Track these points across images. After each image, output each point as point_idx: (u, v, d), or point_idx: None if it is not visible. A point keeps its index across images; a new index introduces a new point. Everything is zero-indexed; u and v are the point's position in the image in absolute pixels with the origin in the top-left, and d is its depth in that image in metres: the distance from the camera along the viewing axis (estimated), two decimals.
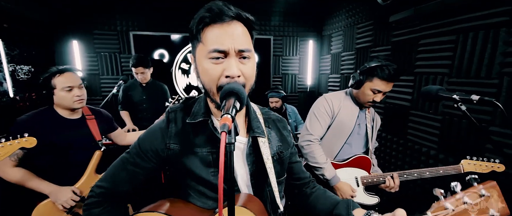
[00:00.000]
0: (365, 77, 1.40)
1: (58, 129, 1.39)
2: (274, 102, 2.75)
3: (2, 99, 2.20)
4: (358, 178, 1.53)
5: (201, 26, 0.62)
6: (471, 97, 0.94)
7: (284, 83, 3.89)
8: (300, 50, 3.83)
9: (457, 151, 1.68)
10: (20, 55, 2.45)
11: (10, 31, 2.32)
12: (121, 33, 3.22)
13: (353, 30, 2.90)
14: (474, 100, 0.94)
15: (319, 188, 0.92)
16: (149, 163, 0.75)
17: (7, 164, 1.30)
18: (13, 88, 2.33)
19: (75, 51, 3.10)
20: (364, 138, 1.58)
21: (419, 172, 1.43)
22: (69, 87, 1.39)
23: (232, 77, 0.62)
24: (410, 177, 1.45)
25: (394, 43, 2.22)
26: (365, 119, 1.57)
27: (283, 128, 0.87)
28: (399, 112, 2.19)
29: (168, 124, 0.75)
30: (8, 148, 1.10)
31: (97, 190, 0.75)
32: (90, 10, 3.08)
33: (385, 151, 2.38)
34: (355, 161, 1.54)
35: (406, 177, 1.45)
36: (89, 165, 1.48)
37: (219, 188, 0.43)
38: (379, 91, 1.38)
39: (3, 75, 2.24)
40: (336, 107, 1.51)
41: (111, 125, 1.69)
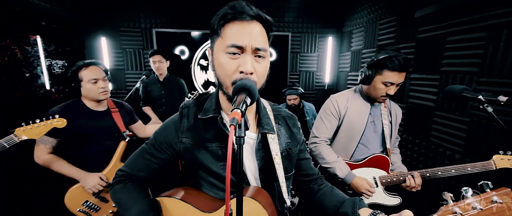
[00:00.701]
0: (375, 71, 1.35)
1: (86, 120, 1.50)
2: (292, 100, 2.73)
3: (39, 91, 2.41)
4: (376, 178, 1.49)
5: (222, 22, 0.66)
6: (498, 99, 0.88)
7: (301, 81, 3.85)
8: (318, 47, 3.76)
9: (485, 155, 1.57)
10: (56, 50, 2.67)
11: (47, 28, 2.53)
12: (145, 30, 3.37)
13: (375, 26, 2.78)
14: (501, 102, 0.87)
15: (326, 185, 0.92)
16: (163, 154, 0.80)
17: (43, 151, 1.43)
18: (49, 81, 2.54)
19: (103, 47, 3.30)
20: (381, 135, 1.52)
21: (444, 170, 1.35)
22: (95, 79, 1.49)
23: (246, 74, 0.64)
24: (433, 175, 1.38)
25: (420, 40, 2.11)
26: (381, 115, 1.51)
27: (293, 124, 0.88)
28: (422, 112, 2.09)
29: (181, 118, 0.80)
30: (42, 127, 1.24)
31: (120, 173, 0.83)
32: (118, 9, 3.26)
33: (406, 153, 2.28)
34: (372, 161, 1.49)
35: (429, 176, 1.39)
36: (115, 154, 1.59)
37: (227, 179, 0.45)
38: (392, 84, 1.32)
39: (41, 69, 2.45)
40: (342, 107, 1.48)
41: (132, 117, 1.79)
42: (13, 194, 1.92)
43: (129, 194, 0.78)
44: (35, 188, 2.06)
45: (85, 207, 1.48)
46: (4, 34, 2.01)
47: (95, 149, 1.53)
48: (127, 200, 0.77)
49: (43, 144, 1.43)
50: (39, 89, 2.41)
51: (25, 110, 2.16)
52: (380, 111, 1.51)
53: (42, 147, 1.43)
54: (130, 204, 0.76)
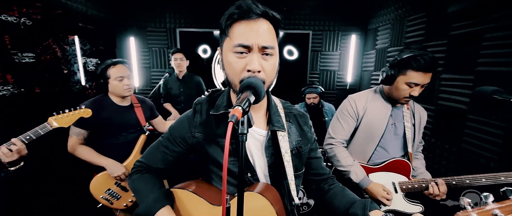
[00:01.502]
0: (397, 71, 1.27)
1: (111, 114, 1.62)
2: (311, 99, 2.68)
3: (76, 86, 2.64)
4: (395, 183, 1.41)
5: (229, 21, 0.67)
6: None
7: (322, 80, 3.75)
8: (341, 45, 3.63)
9: None
10: (90, 49, 2.90)
11: (83, 29, 2.75)
12: (169, 30, 3.52)
13: (403, 23, 2.62)
14: None
15: (337, 185, 0.90)
16: (177, 148, 0.84)
17: (76, 141, 1.58)
18: (84, 78, 2.77)
19: (131, 47, 3.52)
20: (402, 138, 1.43)
21: (473, 178, 1.24)
22: (121, 77, 1.60)
23: (253, 72, 0.65)
24: (460, 183, 1.27)
25: (452, 37, 1.95)
26: (403, 118, 1.42)
27: (304, 123, 0.88)
28: (453, 115, 1.93)
29: (194, 114, 0.83)
30: (71, 116, 1.38)
31: (138, 163, 0.89)
32: (145, 10, 3.45)
33: (434, 159, 2.12)
34: (391, 165, 1.41)
35: (455, 184, 1.28)
36: (135, 147, 1.70)
37: (223, 174, 0.46)
38: (416, 85, 1.24)
39: (77, 66, 2.68)
40: (360, 108, 1.41)
41: (153, 112, 1.90)
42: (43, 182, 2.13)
43: (146, 183, 0.83)
44: (62, 177, 2.26)
45: (108, 195, 1.60)
46: (47, 34, 2.23)
47: (118, 141, 1.65)
48: (144, 189, 0.81)
49: (76, 136, 1.57)
50: (75, 85, 2.64)
51: (63, 104, 2.38)
52: (402, 112, 1.43)
53: (75, 138, 1.57)
54: (147, 193, 0.80)
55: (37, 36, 2.12)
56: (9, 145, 1.11)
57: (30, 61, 2.05)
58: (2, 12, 1.82)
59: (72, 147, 1.58)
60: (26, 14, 2.01)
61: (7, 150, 1.10)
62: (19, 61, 1.96)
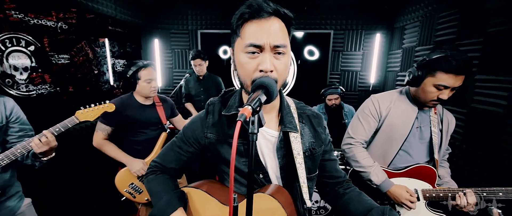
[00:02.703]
0: (426, 72, 1.18)
1: (135, 112, 1.71)
2: (333, 100, 2.60)
3: (105, 86, 2.83)
4: (418, 190, 1.32)
5: (240, 21, 0.67)
6: None
7: (343, 81, 3.63)
8: (364, 44, 3.49)
9: None
10: (118, 51, 3.09)
11: (112, 32, 2.94)
12: (191, 32, 3.63)
13: (433, 20, 2.45)
14: None
15: (353, 189, 0.86)
16: (190, 148, 0.85)
17: (100, 136, 1.69)
18: (113, 78, 2.96)
19: (156, 48, 3.68)
20: (428, 144, 1.34)
21: (507, 190, 1.14)
22: (150, 79, 1.69)
23: (265, 72, 0.64)
24: (491, 195, 1.16)
25: (489, 34, 1.78)
26: (429, 122, 1.32)
27: (318, 124, 0.85)
28: (490, 120, 1.76)
29: (206, 115, 0.84)
30: (96, 111, 1.47)
31: (153, 164, 0.91)
32: (169, 12, 3.59)
33: (464, 166, 1.96)
34: (415, 171, 1.33)
35: (485, 196, 1.18)
36: (157, 144, 1.78)
37: (231, 176, 0.46)
38: (446, 87, 1.15)
39: (106, 67, 2.86)
40: (383, 109, 1.34)
41: (173, 111, 1.97)
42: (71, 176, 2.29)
43: (159, 185, 0.84)
44: (90, 170, 2.42)
45: (131, 189, 1.70)
46: (80, 37, 2.41)
47: (141, 138, 1.74)
48: (158, 190, 0.83)
49: (101, 131, 1.68)
50: (104, 84, 2.82)
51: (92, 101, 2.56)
52: (429, 117, 1.34)
53: (100, 133, 1.68)
54: (161, 194, 0.81)
55: (71, 39, 2.31)
56: (41, 137, 1.20)
57: (65, 62, 2.23)
58: (42, 17, 2.00)
59: (96, 141, 1.69)
60: (63, 18, 2.19)
61: (38, 141, 1.19)
62: (56, 62, 2.14)
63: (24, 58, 1.90)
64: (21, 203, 1.32)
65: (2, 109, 1.22)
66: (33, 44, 1.95)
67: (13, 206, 1.27)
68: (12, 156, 1.18)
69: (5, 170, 1.22)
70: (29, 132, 1.34)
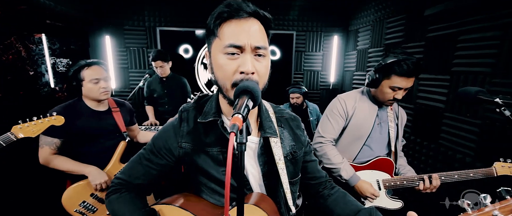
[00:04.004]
0: (382, 75, 1.31)
1: (87, 119, 1.49)
2: (295, 98, 2.70)
3: (44, 89, 2.42)
4: (379, 181, 1.45)
5: (218, 21, 0.62)
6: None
7: (306, 80, 3.79)
8: (324, 46, 3.70)
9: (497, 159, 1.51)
10: (60, 49, 2.67)
11: (51, 26, 2.53)
12: (149, 28, 3.36)
13: (382, 24, 2.71)
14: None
15: (338, 190, 0.88)
16: (162, 160, 0.77)
17: (48, 152, 1.42)
18: (54, 80, 2.55)
19: (107, 46, 3.30)
20: (387, 138, 1.49)
21: (447, 175, 1.33)
22: (96, 79, 1.47)
23: (247, 74, 0.61)
24: (448, 179, 1.34)
25: (429, 39, 2.04)
26: (387, 118, 1.47)
27: (296, 126, 0.85)
28: (431, 114, 2.02)
29: (180, 123, 0.76)
30: (39, 125, 1.23)
31: (116, 181, 0.79)
32: (122, 7, 3.25)
33: (414, 155, 2.22)
34: (376, 163, 1.46)
35: (444, 179, 1.36)
36: (114, 155, 1.58)
37: (226, 190, 0.42)
38: (400, 88, 1.29)
39: (45, 67, 2.45)
40: (350, 108, 1.44)
41: (131, 117, 1.78)
42: (10, 193, 1.92)
43: (125, 205, 0.74)
44: (31, 187, 2.06)
45: (82, 208, 1.47)
46: (9, 32, 2.01)
47: (96, 148, 1.52)
48: (124, 212, 0.73)
49: (48, 146, 1.42)
50: (43, 87, 2.41)
51: (29, 109, 2.16)
52: (387, 113, 1.49)
53: (47, 149, 1.42)
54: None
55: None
56: None
57: None
58: None
59: (44, 158, 1.42)
60: None
61: None
62: None
63: None
64: None
65: None
66: None
67: None
68: None
69: None
70: None
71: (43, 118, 1.26)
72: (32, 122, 1.22)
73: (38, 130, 1.23)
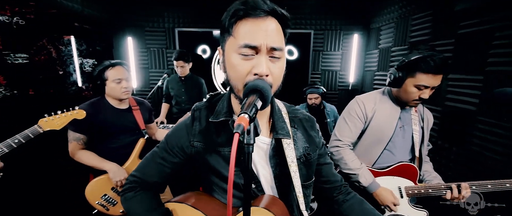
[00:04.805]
0: (406, 73, 1.21)
1: (109, 117, 1.55)
2: (313, 99, 2.63)
3: (72, 88, 2.57)
4: (401, 188, 1.36)
5: (234, 19, 0.60)
6: None
7: (323, 80, 3.69)
8: (343, 45, 3.57)
9: None
10: (87, 50, 2.83)
11: (79, 29, 2.68)
12: (168, 30, 3.45)
13: (407, 22, 2.56)
14: None
15: (354, 196, 0.83)
16: (175, 158, 0.77)
17: (75, 147, 1.51)
18: (81, 79, 2.70)
19: (129, 47, 3.44)
20: (410, 142, 1.38)
21: (479, 184, 1.22)
22: (119, 79, 1.53)
23: (260, 76, 0.58)
24: (481, 188, 1.23)
25: (460, 36, 1.89)
26: (411, 120, 1.37)
27: (310, 127, 0.81)
28: (461, 117, 1.87)
29: (192, 121, 0.76)
30: (63, 118, 1.30)
31: (131, 178, 0.81)
32: (143, 9, 3.37)
33: (440, 161, 2.07)
34: (398, 169, 1.36)
35: (475, 189, 1.24)
36: (134, 150, 1.64)
37: (228, 191, 0.40)
38: (426, 87, 1.18)
39: (73, 67, 2.61)
40: (369, 110, 1.35)
41: (150, 116, 1.83)
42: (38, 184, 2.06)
43: (140, 204, 0.76)
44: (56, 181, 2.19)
45: (104, 200, 1.54)
46: (41, 34, 2.16)
47: (116, 145, 1.59)
48: (139, 211, 0.75)
49: (75, 141, 1.50)
50: (71, 86, 2.57)
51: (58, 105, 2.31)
52: (410, 115, 1.38)
53: (74, 144, 1.51)
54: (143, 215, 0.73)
55: (30, 36, 2.05)
56: None
57: (23, 62, 1.98)
58: None
59: (72, 152, 1.52)
60: (19, 13, 1.94)
61: None
62: (12, 62, 1.89)
63: None
64: None
65: None
66: None
67: None
68: None
69: None
70: None
71: (66, 112, 1.33)
72: (56, 115, 1.29)
73: (62, 123, 1.30)
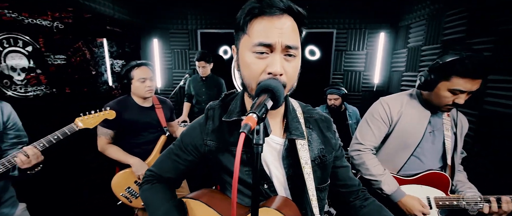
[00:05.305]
0: (439, 76, 1.10)
1: (134, 114, 1.65)
2: (332, 100, 2.54)
3: (103, 87, 2.77)
4: (430, 198, 1.25)
5: (248, 17, 0.60)
6: None
7: (346, 81, 3.56)
8: (368, 44, 3.42)
9: None
10: (117, 51, 3.02)
11: (111, 32, 2.88)
12: (191, 31, 3.57)
13: (440, 18, 2.38)
14: None
15: (372, 202, 0.79)
16: (189, 156, 0.79)
17: (103, 141, 1.63)
18: (111, 78, 2.90)
19: (155, 48, 3.62)
20: (441, 149, 1.27)
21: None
22: (143, 78, 1.62)
23: (274, 75, 0.57)
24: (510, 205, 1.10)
25: (501, 33, 1.71)
26: (442, 125, 1.25)
27: (326, 128, 0.78)
28: (502, 122, 1.68)
29: (206, 120, 0.77)
30: (96, 118, 1.41)
31: (148, 173, 0.84)
32: (168, 12, 3.52)
33: (475, 170, 1.88)
34: (427, 178, 1.26)
35: None
36: (156, 147, 1.72)
37: (233, 192, 0.40)
38: (462, 92, 1.07)
39: (105, 68, 2.80)
40: (394, 113, 1.26)
41: (171, 114, 1.91)
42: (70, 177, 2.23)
43: (156, 194, 0.78)
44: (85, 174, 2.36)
45: (127, 193, 1.64)
46: (77, 37, 2.35)
47: (140, 140, 1.68)
48: (154, 201, 0.77)
49: (103, 136, 1.62)
50: (102, 85, 2.76)
51: (90, 103, 2.50)
52: (442, 120, 1.26)
53: (103, 138, 1.62)
54: (157, 205, 0.76)
55: (68, 39, 2.24)
56: (26, 151, 1.13)
57: (61, 63, 2.17)
58: (37, 17, 1.94)
59: (101, 146, 1.63)
60: (59, 18, 2.13)
61: (24, 157, 1.12)
62: (52, 63, 2.08)
63: (21, 59, 1.84)
64: (15, 209, 1.26)
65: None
66: (31, 44, 1.89)
67: (6, 213, 1.21)
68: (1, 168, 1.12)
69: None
70: (23, 138, 1.28)
71: (99, 112, 1.44)
72: (90, 115, 1.40)
73: (95, 122, 1.41)
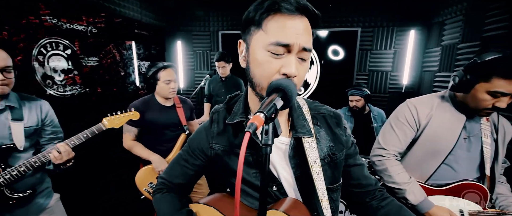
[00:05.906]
0: (477, 76, 0.99)
1: (156, 113, 1.72)
2: (354, 101, 2.42)
3: (130, 87, 2.94)
4: (464, 212, 1.13)
5: (266, 13, 0.57)
6: None
7: (371, 82, 3.38)
8: (396, 42, 3.21)
9: None
10: (144, 53, 3.19)
11: (138, 35, 3.05)
12: (213, 33, 3.65)
13: (480, 13, 2.15)
14: None
15: (391, 202, 0.72)
16: (196, 160, 0.79)
17: (129, 138, 1.73)
18: (138, 79, 3.07)
19: (178, 50, 3.76)
20: (478, 158, 1.13)
21: None
22: (168, 80, 1.70)
23: (289, 76, 0.55)
24: None
25: None
26: (480, 131, 1.12)
27: (335, 124, 0.73)
28: None
29: (211, 124, 0.77)
30: (122, 118, 1.47)
31: (160, 180, 0.85)
32: (191, 13, 3.63)
33: None
34: (460, 189, 1.13)
35: None
36: (176, 144, 1.78)
37: (236, 194, 0.39)
38: (504, 94, 0.95)
39: (132, 69, 2.97)
40: (423, 117, 1.15)
41: (191, 114, 1.96)
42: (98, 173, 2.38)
43: (166, 205, 0.78)
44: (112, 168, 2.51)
45: (150, 188, 1.72)
46: (108, 40, 2.52)
47: (161, 138, 1.76)
48: (165, 211, 0.77)
49: (128, 133, 1.72)
50: (130, 85, 2.93)
51: (119, 102, 2.66)
52: (479, 125, 1.13)
53: (128, 135, 1.73)
54: None
55: (100, 42, 2.42)
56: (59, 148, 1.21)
57: (94, 64, 2.34)
58: (74, 22, 2.11)
59: (126, 143, 1.74)
60: (92, 23, 2.30)
61: (57, 153, 1.20)
62: (86, 64, 2.25)
63: (60, 61, 2.03)
64: (50, 199, 1.36)
65: (39, 112, 1.27)
66: (70, 48, 2.08)
67: (42, 202, 1.31)
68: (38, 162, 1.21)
69: (36, 170, 1.26)
70: (59, 134, 1.38)
71: (124, 113, 1.52)
72: (116, 115, 1.48)
73: (120, 122, 1.49)
